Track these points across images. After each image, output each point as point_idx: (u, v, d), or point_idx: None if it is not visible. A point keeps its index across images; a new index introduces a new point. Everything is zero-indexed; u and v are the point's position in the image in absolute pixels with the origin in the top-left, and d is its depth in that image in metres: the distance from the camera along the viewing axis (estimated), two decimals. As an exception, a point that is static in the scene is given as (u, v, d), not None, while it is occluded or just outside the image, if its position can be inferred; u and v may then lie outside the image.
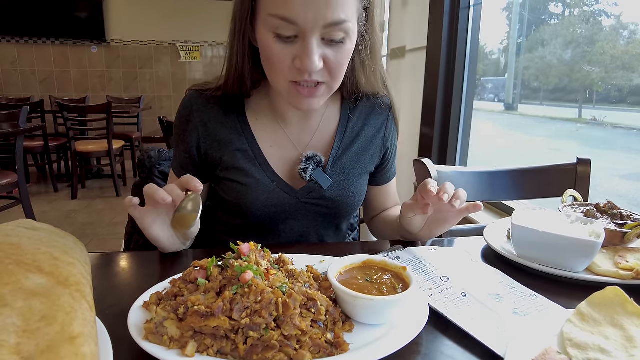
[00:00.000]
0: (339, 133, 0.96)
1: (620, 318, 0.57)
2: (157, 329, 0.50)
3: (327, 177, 0.92)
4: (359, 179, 0.97)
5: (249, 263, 0.55)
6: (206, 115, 0.91)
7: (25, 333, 0.43)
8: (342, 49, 0.76)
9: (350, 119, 0.97)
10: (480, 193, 1.22)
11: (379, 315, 0.55)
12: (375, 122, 0.99)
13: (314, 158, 0.91)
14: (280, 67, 0.76)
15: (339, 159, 0.95)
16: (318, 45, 0.73)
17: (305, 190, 0.93)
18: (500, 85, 2.74)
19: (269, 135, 0.93)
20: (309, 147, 0.95)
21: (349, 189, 0.95)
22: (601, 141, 2.13)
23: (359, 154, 0.97)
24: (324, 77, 0.78)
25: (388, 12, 3.33)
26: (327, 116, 0.97)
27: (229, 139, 0.91)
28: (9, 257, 0.52)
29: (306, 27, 0.71)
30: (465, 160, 2.45)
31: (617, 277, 0.71)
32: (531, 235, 0.74)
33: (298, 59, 0.74)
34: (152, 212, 0.72)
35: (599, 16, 2.03)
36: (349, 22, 0.74)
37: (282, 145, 0.94)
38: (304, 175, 0.90)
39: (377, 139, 0.99)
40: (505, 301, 0.63)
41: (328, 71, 0.77)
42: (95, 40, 5.81)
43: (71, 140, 4.28)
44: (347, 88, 0.94)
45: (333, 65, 0.76)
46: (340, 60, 0.77)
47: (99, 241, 3.31)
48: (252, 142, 0.92)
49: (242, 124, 0.92)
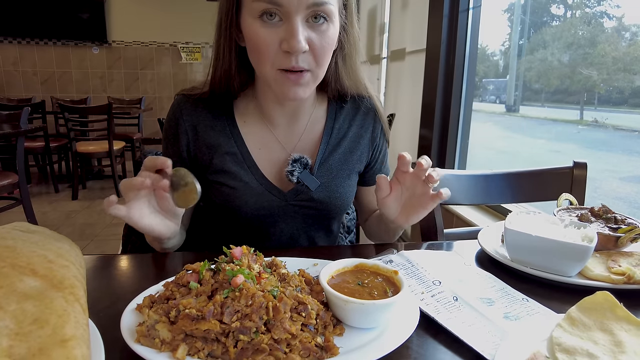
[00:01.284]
0: (325, 134, 0.97)
1: (610, 323, 0.57)
2: (149, 332, 0.50)
3: (314, 179, 0.93)
4: (347, 179, 0.98)
5: (240, 267, 0.56)
6: (195, 119, 0.92)
7: (18, 336, 0.44)
8: (325, 33, 0.78)
9: (337, 120, 0.98)
10: (475, 196, 1.22)
11: (370, 319, 0.55)
12: (361, 122, 1.00)
13: (301, 160, 0.92)
14: (267, 53, 0.77)
15: (325, 160, 0.96)
16: (303, 27, 0.76)
17: (293, 193, 0.93)
18: (502, 86, 2.75)
19: (257, 137, 0.94)
20: (296, 148, 0.95)
21: (337, 189, 0.95)
22: (602, 143, 2.13)
23: (346, 155, 0.98)
24: (309, 64, 0.79)
25: (388, 14, 3.34)
26: (314, 118, 0.98)
27: (218, 142, 0.92)
28: (3, 260, 0.53)
29: (290, 8, 0.73)
30: (464, 162, 2.45)
31: (609, 281, 0.71)
32: (524, 239, 0.75)
33: (285, 41, 0.75)
34: (135, 205, 0.69)
35: (601, 18, 2.03)
36: (331, 4, 0.77)
37: (270, 147, 0.95)
38: (291, 178, 0.91)
39: (364, 139, 1.00)
40: (496, 305, 0.64)
41: (313, 56, 0.79)
42: (96, 41, 5.82)
43: (72, 140, 4.29)
44: (331, 87, 0.95)
45: (317, 50, 0.78)
46: (324, 45, 0.79)
47: (99, 242, 3.32)
48: (240, 145, 0.92)
49: (230, 127, 0.93)
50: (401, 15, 2.99)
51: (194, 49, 6.11)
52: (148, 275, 0.76)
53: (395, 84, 3.12)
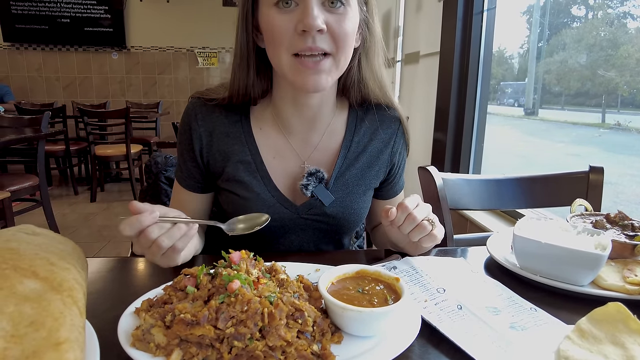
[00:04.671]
0: (343, 147, 0.93)
1: (622, 336, 0.54)
2: (144, 336, 0.50)
3: (329, 194, 0.90)
4: (363, 195, 0.95)
5: (238, 272, 0.55)
6: (211, 125, 0.90)
7: (13, 338, 0.44)
8: (343, 16, 0.76)
9: (357, 133, 0.94)
10: (488, 201, 1.20)
11: (368, 327, 0.54)
12: (383, 136, 0.96)
13: (317, 174, 0.89)
14: (282, 38, 0.75)
15: (342, 175, 0.93)
16: (319, 8, 0.74)
17: (306, 206, 0.91)
18: (520, 89, 2.69)
19: (272, 145, 0.92)
20: (311, 158, 0.92)
21: (352, 205, 0.92)
22: (625, 147, 2.06)
23: (364, 170, 0.94)
24: (329, 46, 0.76)
25: (402, 17, 3.32)
26: (333, 127, 0.94)
27: (232, 149, 0.90)
28: (6, 261, 0.54)
29: None
30: (479, 165, 2.41)
31: (624, 291, 0.68)
32: (533, 246, 0.72)
33: (300, 22, 0.73)
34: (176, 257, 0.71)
35: (624, 18, 1.97)
36: None
37: (285, 156, 0.92)
38: (305, 192, 0.88)
39: (384, 154, 0.96)
40: (502, 315, 0.62)
41: (332, 38, 0.76)
42: (115, 46, 5.97)
43: (91, 144, 4.39)
44: (354, 89, 0.91)
45: (336, 32, 0.75)
46: (343, 27, 0.76)
47: (115, 244, 3.38)
48: (254, 154, 0.90)
49: (246, 135, 0.91)
50: (415, 18, 2.96)
51: (211, 54, 6.19)
52: (151, 279, 0.76)
53: (410, 87, 3.09)
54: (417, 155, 2.80)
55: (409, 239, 0.77)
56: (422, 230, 0.74)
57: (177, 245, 0.67)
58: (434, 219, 0.77)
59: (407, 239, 0.78)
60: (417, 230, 0.75)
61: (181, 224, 0.68)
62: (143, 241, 0.65)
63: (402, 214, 0.74)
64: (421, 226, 0.74)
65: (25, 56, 5.92)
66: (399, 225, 0.75)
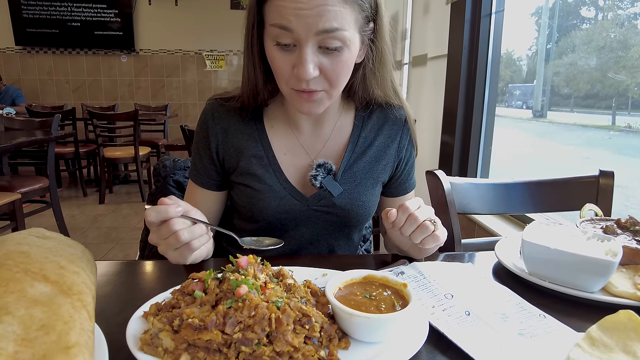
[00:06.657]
0: (351, 142, 0.97)
1: (634, 344, 0.54)
2: (152, 340, 0.50)
3: (337, 185, 0.93)
4: (371, 188, 0.97)
5: (246, 276, 0.55)
6: (226, 123, 0.95)
7: (24, 341, 0.44)
8: (338, 57, 0.77)
9: (363, 129, 0.98)
10: (496, 205, 1.19)
11: (375, 333, 0.54)
12: (389, 132, 0.99)
13: (325, 165, 0.93)
14: (282, 74, 0.80)
15: (350, 167, 0.96)
16: (314, 53, 0.76)
17: (316, 198, 0.94)
18: (529, 91, 2.67)
19: (283, 142, 0.96)
20: (321, 154, 0.97)
21: (360, 197, 0.95)
22: (636, 149, 2.04)
23: (371, 164, 0.97)
24: (322, 86, 0.80)
25: (410, 20, 3.31)
26: (340, 125, 0.98)
27: (246, 145, 0.94)
28: (17, 265, 0.54)
29: (300, 35, 0.74)
30: (487, 169, 2.40)
31: (635, 298, 0.67)
32: (542, 252, 0.72)
33: (296, 67, 0.77)
34: (188, 255, 0.74)
35: (635, 19, 1.95)
36: (344, 30, 0.75)
37: (295, 152, 0.96)
38: (314, 182, 0.92)
39: (390, 149, 0.99)
40: (511, 321, 0.61)
41: (326, 79, 0.79)
42: (124, 49, 6.03)
43: (100, 146, 4.43)
44: (358, 96, 0.95)
45: (330, 74, 0.78)
46: (336, 69, 0.78)
47: (123, 245, 3.41)
48: (267, 149, 0.95)
49: (259, 132, 0.95)
50: (423, 20, 2.96)
51: (219, 56, 6.23)
52: (160, 282, 0.77)
53: (417, 89, 3.09)
54: (424, 159, 2.79)
55: (411, 241, 0.77)
56: (424, 230, 0.74)
57: (193, 243, 0.71)
58: (436, 220, 0.76)
59: (410, 242, 0.78)
60: (418, 231, 0.74)
61: (202, 224, 0.73)
62: (164, 231, 0.69)
63: (403, 215, 0.74)
64: (423, 227, 0.74)
65: (37, 59, 6.01)
66: (400, 227, 0.75)
